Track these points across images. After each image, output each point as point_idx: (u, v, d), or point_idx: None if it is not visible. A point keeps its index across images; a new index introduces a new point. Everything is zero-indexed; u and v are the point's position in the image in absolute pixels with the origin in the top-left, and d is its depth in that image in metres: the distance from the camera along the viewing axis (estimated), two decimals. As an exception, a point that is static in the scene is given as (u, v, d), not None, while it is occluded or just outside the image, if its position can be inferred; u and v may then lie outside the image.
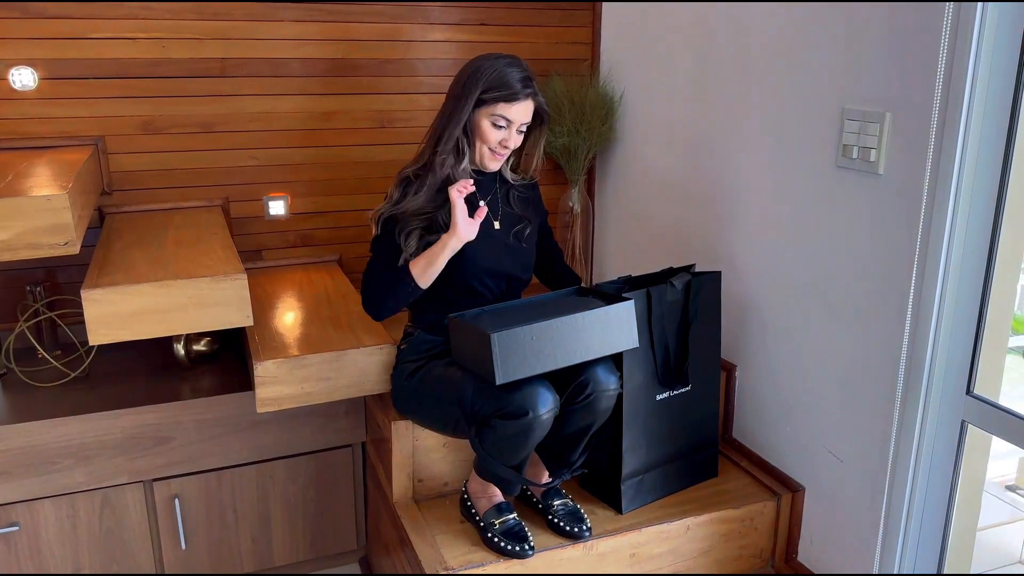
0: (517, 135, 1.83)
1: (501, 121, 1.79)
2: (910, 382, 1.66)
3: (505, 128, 1.81)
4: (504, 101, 1.77)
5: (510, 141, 1.83)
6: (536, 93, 1.81)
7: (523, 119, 1.81)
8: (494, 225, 1.90)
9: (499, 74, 1.77)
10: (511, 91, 1.77)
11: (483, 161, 1.86)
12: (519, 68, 1.79)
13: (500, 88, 1.77)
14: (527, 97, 1.79)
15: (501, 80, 1.77)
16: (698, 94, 2.25)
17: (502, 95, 1.77)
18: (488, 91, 1.77)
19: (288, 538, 2.25)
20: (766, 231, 2.03)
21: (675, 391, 1.95)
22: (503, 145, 1.83)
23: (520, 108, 1.79)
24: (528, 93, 1.79)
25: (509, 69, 1.78)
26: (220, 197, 2.50)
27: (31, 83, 2.25)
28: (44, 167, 1.98)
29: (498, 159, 1.86)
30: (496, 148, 1.83)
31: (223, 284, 1.77)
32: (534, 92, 1.80)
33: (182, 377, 2.20)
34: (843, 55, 1.74)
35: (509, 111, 1.78)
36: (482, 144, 1.83)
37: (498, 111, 1.78)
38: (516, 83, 1.77)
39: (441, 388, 1.79)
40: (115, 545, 2.08)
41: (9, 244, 1.59)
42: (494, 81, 1.77)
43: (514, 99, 1.77)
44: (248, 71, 2.44)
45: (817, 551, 1.97)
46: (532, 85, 1.80)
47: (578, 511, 1.87)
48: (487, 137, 1.81)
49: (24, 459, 1.94)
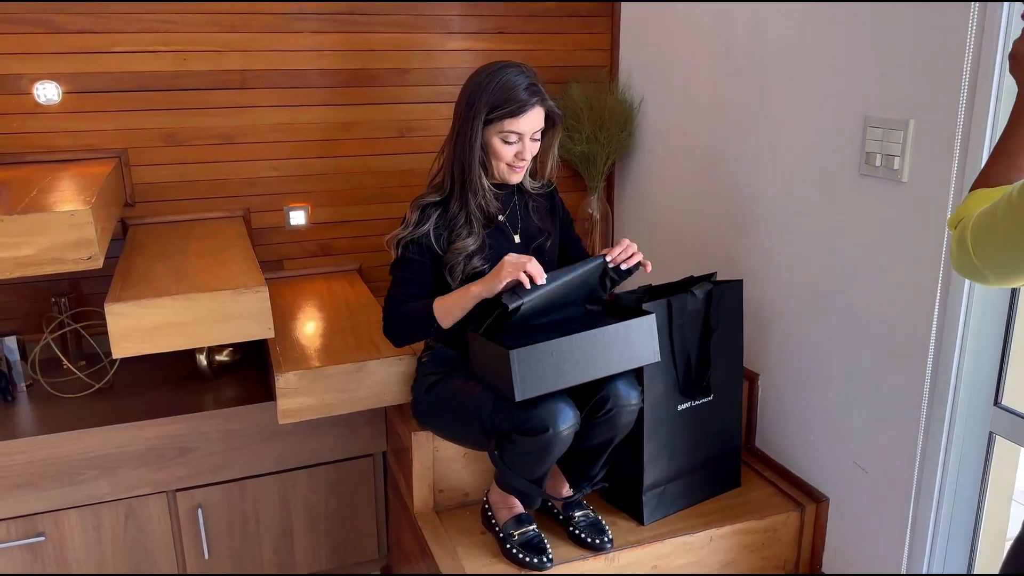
0: (532, 143, 1.77)
1: (511, 136, 1.73)
2: (936, 393, 1.64)
3: (517, 142, 1.75)
4: (510, 117, 1.70)
5: (526, 152, 1.76)
6: (544, 98, 1.73)
7: (534, 128, 1.74)
8: (514, 239, 1.86)
9: (501, 89, 1.69)
10: (516, 104, 1.69)
11: (503, 176, 1.80)
12: (522, 75, 1.71)
13: (505, 104, 1.69)
14: (534, 106, 1.71)
15: (505, 95, 1.69)
16: (718, 101, 2.24)
17: (507, 111, 1.69)
18: (493, 110, 1.70)
19: (310, 547, 2.26)
20: (788, 239, 2.01)
21: (697, 401, 1.94)
22: (519, 158, 1.76)
23: (528, 119, 1.72)
24: (535, 102, 1.71)
25: (511, 80, 1.70)
26: (241, 208, 2.52)
27: (55, 97, 2.28)
28: (68, 181, 2.00)
29: (518, 172, 1.79)
30: (513, 162, 1.77)
31: (244, 297, 1.78)
32: (541, 98, 1.72)
33: (204, 387, 2.22)
34: (866, 61, 1.72)
35: (517, 124, 1.71)
36: (498, 162, 1.77)
37: (506, 127, 1.71)
38: (521, 94, 1.69)
39: (461, 402, 1.78)
40: (139, 555, 2.10)
41: (34, 259, 1.60)
42: (498, 98, 1.69)
43: (520, 112, 1.70)
44: (268, 83, 2.46)
45: (842, 563, 1.95)
46: (538, 91, 1.72)
47: (599, 522, 1.86)
48: (501, 155, 1.75)
49: (50, 470, 1.96)
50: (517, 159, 1.77)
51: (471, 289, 1.66)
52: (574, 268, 1.71)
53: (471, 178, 1.76)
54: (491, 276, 1.64)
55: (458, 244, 1.77)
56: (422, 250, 1.78)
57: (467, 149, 1.74)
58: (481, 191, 1.77)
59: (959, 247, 1.04)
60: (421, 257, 1.79)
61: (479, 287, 1.65)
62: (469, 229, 1.78)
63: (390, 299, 1.79)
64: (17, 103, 2.25)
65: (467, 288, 1.68)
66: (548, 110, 1.76)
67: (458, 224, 1.78)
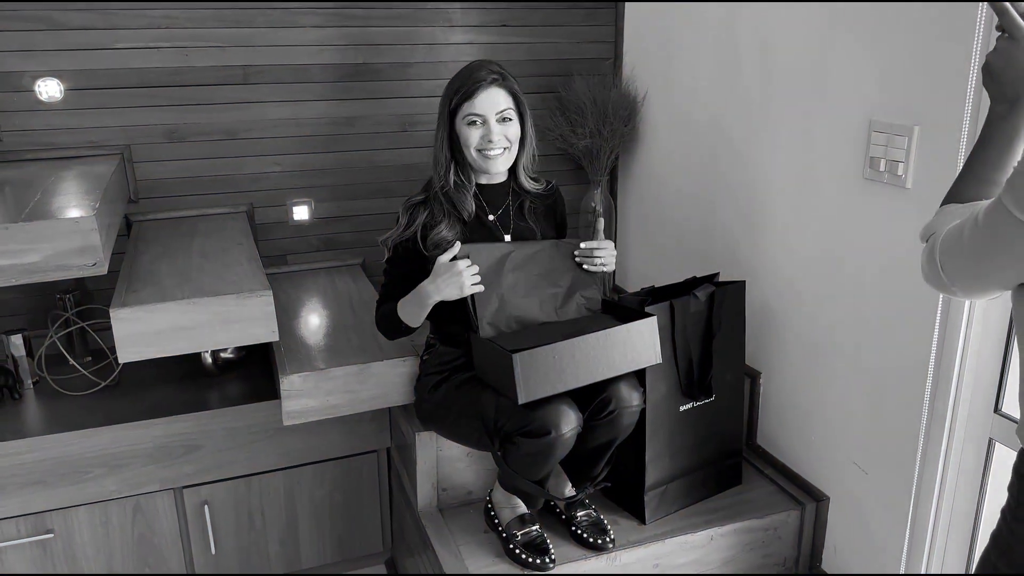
0: (499, 126, 1.76)
1: (472, 118, 1.75)
2: (937, 398, 1.65)
3: (481, 124, 1.76)
4: (467, 99, 1.74)
5: (493, 135, 1.76)
6: (501, 79, 1.76)
7: (494, 109, 1.75)
8: (504, 240, 1.87)
9: (461, 76, 1.77)
10: (472, 84, 1.74)
11: (480, 165, 1.81)
12: (481, 65, 1.77)
13: (461, 87, 1.75)
14: (489, 85, 1.74)
15: (462, 81, 1.76)
16: (723, 97, 2.23)
17: (463, 93, 1.74)
18: (454, 95, 1.76)
19: (315, 541, 2.29)
20: (791, 240, 2.01)
21: (698, 402, 1.95)
22: (487, 140, 1.77)
23: (484, 98, 1.74)
24: (490, 80, 1.74)
25: (472, 67, 1.77)
26: (245, 203, 2.52)
27: (57, 94, 2.27)
28: (71, 182, 2.00)
29: (492, 158, 1.79)
30: (483, 146, 1.77)
31: (249, 301, 1.79)
32: (498, 78, 1.75)
33: (210, 384, 2.23)
34: (871, 65, 1.70)
35: (474, 105, 1.74)
36: (467, 149, 1.79)
37: (465, 110, 1.75)
38: (474, 74, 1.74)
39: (463, 403, 1.79)
40: (147, 550, 2.13)
41: (39, 266, 1.61)
42: (456, 85, 1.76)
43: (475, 91, 1.73)
44: (270, 78, 2.45)
45: (841, 561, 1.97)
46: (495, 71, 1.76)
47: (601, 522, 1.88)
48: (468, 139, 1.77)
49: (58, 468, 1.98)
50: (485, 142, 1.77)
51: (421, 288, 1.75)
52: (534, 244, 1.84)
53: (444, 172, 1.81)
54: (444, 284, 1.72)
55: (434, 237, 1.80)
56: (408, 252, 1.83)
57: (438, 141, 1.80)
58: (455, 184, 1.81)
59: (928, 262, 1.06)
60: (407, 258, 1.83)
61: (430, 287, 1.73)
62: (448, 223, 1.81)
63: (380, 301, 1.88)
64: (19, 100, 2.24)
65: (418, 288, 1.76)
66: (508, 90, 1.78)
67: (438, 220, 1.81)
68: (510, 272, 1.79)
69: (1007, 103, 1.05)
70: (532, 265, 1.81)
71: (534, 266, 1.82)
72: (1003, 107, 1.06)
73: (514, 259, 1.79)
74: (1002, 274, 0.97)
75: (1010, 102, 1.05)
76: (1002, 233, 0.92)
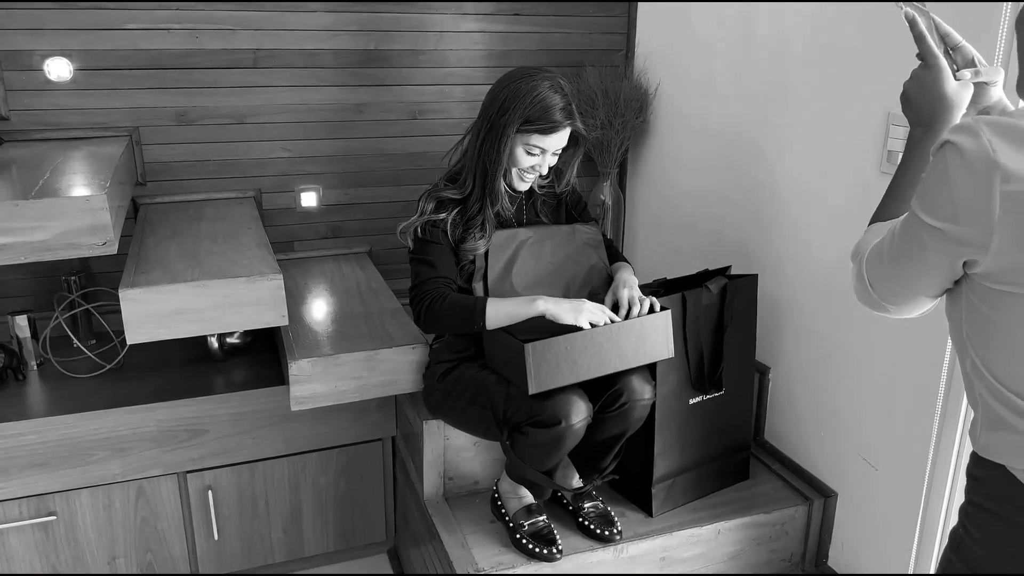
0: (551, 158, 1.77)
1: (535, 150, 1.73)
2: (951, 394, 1.64)
3: (539, 155, 1.74)
4: (540, 133, 1.70)
5: (543, 168, 1.77)
6: (575, 120, 1.73)
7: (559, 146, 1.75)
8: None
9: (541, 104, 1.68)
10: (551, 123, 1.69)
11: (510, 181, 1.80)
12: (560, 94, 1.70)
13: (539, 120, 1.68)
14: (566, 127, 1.72)
15: (543, 112, 1.68)
16: (736, 90, 2.21)
17: (539, 128, 1.69)
18: (526, 123, 1.69)
19: (318, 529, 2.28)
20: (804, 233, 2.00)
21: (708, 395, 1.94)
22: (535, 169, 1.77)
23: (557, 137, 1.73)
24: (567, 124, 1.72)
25: (548, 98, 1.68)
26: (252, 188, 2.50)
27: (66, 74, 2.25)
28: (80, 161, 1.99)
29: (526, 181, 1.80)
30: (527, 171, 1.77)
31: (259, 284, 1.78)
32: (573, 120, 1.73)
33: (215, 369, 2.22)
34: (890, 58, 1.69)
35: (544, 141, 1.72)
36: (512, 166, 1.76)
37: (533, 141, 1.71)
38: (557, 114, 1.69)
39: (473, 392, 1.78)
40: (149, 535, 2.11)
41: (48, 244, 1.60)
42: (535, 112, 1.68)
43: (552, 132, 1.70)
44: (280, 62, 2.43)
45: (848, 557, 1.96)
46: (571, 112, 1.72)
47: (609, 514, 1.87)
48: (519, 162, 1.75)
49: (61, 451, 1.96)
50: (532, 170, 1.77)
51: (538, 303, 1.66)
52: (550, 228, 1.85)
53: (493, 184, 1.76)
54: (569, 307, 1.65)
55: (469, 244, 1.77)
56: (443, 234, 1.78)
57: (495, 155, 1.73)
58: (501, 197, 1.78)
59: (859, 281, 1.10)
60: (443, 240, 1.78)
61: (548, 304, 1.65)
62: (483, 232, 1.78)
63: (424, 284, 1.75)
64: (27, 79, 2.22)
65: (533, 300, 1.67)
66: (575, 130, 1.76)
67: (475, 226, 1.78)
68: (523, 258, 1.78)
69: (923, 127, 1.10)
70: (546, 253, 1.81)
71: (548, 254, 1.81)
72: (919, 131, 1.11)
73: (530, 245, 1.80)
74: (925, 280, 1.00)
75: (925, 126, 1.10)
76: (915, 238, 0.97)
